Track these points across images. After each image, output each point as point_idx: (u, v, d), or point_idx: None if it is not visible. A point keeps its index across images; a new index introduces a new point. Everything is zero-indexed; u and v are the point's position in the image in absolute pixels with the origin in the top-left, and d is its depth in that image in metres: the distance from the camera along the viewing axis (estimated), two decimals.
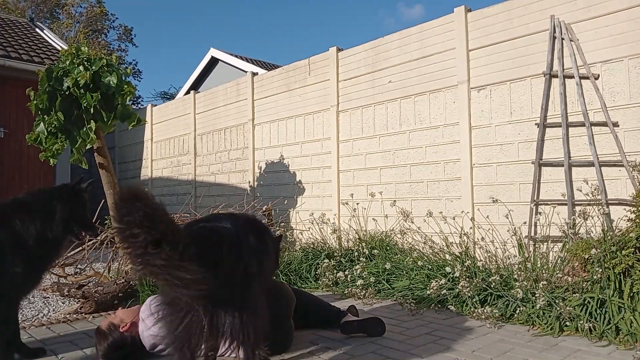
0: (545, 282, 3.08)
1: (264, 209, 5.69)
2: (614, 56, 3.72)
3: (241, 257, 1.90)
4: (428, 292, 3.46)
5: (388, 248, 4.53)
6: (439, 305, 3.46)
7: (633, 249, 2.88)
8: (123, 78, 4.86)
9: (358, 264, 4.17)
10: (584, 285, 2.98)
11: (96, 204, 5.08)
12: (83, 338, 2.91)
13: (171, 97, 21.60)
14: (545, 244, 3.78)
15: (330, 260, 4.43)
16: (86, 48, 4.89)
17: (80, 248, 4.29)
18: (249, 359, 1.93)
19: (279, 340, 2.48)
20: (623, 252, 2.88)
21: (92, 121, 4.71)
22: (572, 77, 3.88)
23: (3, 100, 7.97)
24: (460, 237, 3.92)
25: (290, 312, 2.63)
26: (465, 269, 3.50)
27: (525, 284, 3.18)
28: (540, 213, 3.98)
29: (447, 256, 3.88)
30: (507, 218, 3.85)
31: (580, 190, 3.73)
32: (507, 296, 3.23)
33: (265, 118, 6.72)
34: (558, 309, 2.87)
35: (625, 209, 3.45)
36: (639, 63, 3.62)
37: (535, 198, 4.00)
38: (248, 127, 6.97)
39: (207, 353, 2.08)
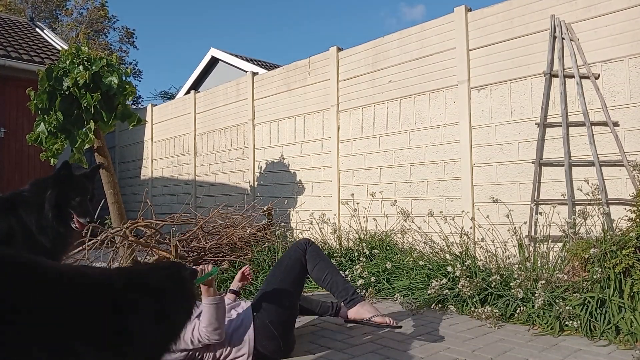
0: (544, 282, 3.08)
1: (264, 208, 5.70)
2: (614, 56, 3.72)
3: None
4: (428, 291, 3.46)
5: (388, 248, 4.53)
6: (439, 305, 3.46)
7: (633, 249, 2.88)
8: (123, 78, 4.86)
9: (358, 263, 4.17)
10: (584, 284, 2.97)
11: (96, 203, 5.09)
12: None
13: (171, 97, 21.60)
14: (546, 243, 3.78)
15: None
16: (86, 48, 4.90)
17: (81, 248, 4.29)
18: None
19: (282, 351, 2.46)
20: (623, 251, 2.88)
21: (91, 121, 4.71)
22: (572, 76, 3.88)
23: (3, 100, 7.97)
24: (461, 236, 3.92)
25: (293, 325, 2.58)
26: (465, 268, 3.50)
27: (526, 283, 3.18)
28: (540, 213, 3.98)
29: (448, 256, 3.88)
30: (508, 218, 3.84)
31: (581, 190, 3.73)
32: (507, 296, 3.23)
33: (266, 118, 6.72)
34: (558, 308, 2.87)
35: (625, 209, 3.45)
36: (639, 63, 3.62)
37: (535, 198, 4.00)
38: (248, 126, 6.97)
39: None
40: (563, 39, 3.95)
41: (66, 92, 4.67)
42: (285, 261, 2.70)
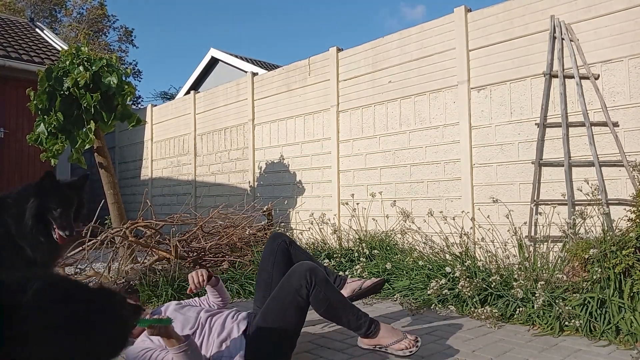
0: (544, 282, 3.07)
1: (264, 209, 5.70)
2: (614, 56, 3.72)
3: None
4: (428, 292, 3.46)
5: (388, 248, 4.53)
6: (439, 305, 3.46)
7: (633, 249, 2.88)
8: (123, 78, 4.87)
9: (358, 264, 4.17)
10: (584, 285, 2.97)
11: (96, 203, 5.09)
12: None
13: (171, 97, 21.61)
14: (545, 244, 3.78)
15: (330, 261, 4.43)
16: (86, 48, 4.90)
17: (81, 248, 4.29)
18: None
19: None
20: (623, 252, 2.88)
21: (91, 121, 4.71)
22: (572, 77, 3.88)
23: (3, 100, 7.97)
24: (461, 237, 3.92)
25: (293, 346, 2.45)
26: (465, 269, 3.50)
27: (525, 283, 3.18)
28: (540, 213, 3.98)
29: (447, 256, 3.88)
30: (507, 218, 3.84)
31: (581, 190, 3.73)
32: (507, 296, 3.23)
33: (265, 118, 6.72)
34: (558, 309, 2.87)
35: (625, 209, 3.45)
36: (639, 63, 3.62)
37: (535, 198, 4.00)
38: (248, 127, 6.97)
39: None
40: (563, 39, 3.95)
41: (66, 93, 4.67)
42: (284, 310, 2.28)
